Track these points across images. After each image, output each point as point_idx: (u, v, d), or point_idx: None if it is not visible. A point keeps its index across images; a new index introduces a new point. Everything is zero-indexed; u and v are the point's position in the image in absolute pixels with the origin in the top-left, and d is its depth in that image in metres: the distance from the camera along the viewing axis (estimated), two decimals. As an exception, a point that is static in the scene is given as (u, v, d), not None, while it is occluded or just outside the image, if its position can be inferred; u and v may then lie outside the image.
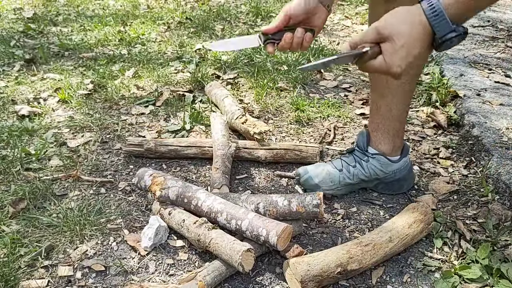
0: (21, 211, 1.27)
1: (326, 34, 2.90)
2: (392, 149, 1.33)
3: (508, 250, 1.15)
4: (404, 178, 1.38)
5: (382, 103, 1.28)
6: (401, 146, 1.35)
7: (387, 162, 1.33)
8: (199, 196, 1.18)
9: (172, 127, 1.73)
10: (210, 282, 1.02)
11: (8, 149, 1.56)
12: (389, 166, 1.34)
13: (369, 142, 1.34)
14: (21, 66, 2.28)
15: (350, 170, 1.34)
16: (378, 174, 1.35)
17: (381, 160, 1.32)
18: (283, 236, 1.05)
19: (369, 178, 1.35)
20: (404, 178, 1.38)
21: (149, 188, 1.22)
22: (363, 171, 1.34)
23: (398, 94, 1.26)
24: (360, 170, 1.34)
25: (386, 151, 1.33)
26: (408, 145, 1.38)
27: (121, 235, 1.21)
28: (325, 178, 1.34)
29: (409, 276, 1.11)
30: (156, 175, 1.24)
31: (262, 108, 1.90)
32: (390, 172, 1.35)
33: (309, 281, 0.99)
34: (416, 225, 1.16)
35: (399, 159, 1.34)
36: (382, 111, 1.29)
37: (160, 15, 3.18)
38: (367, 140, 1.34)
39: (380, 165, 1.33)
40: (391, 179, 1.37)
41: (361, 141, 1.34)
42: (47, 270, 1.09)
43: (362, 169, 1.34)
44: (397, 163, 1.34)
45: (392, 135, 1.31)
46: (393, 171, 1.35)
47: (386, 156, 1.32)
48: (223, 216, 1.13)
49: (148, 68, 2.27)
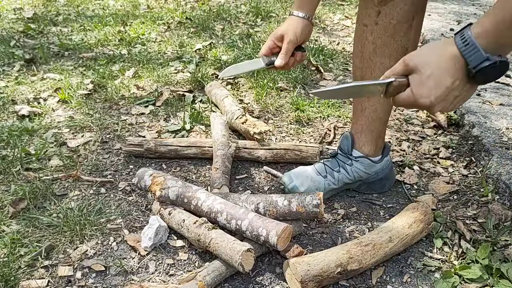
0: (21, 211, 1.27)
1: (326, 34, 2.90)
2: (375, 150, 1.32)
3: (508, 250, 1.15)
4: (386, 177, 1.38)
5: (368, 105, 1.28)
6: (382, 146, 1.35)
7: (370, 163, 1.32)
8: (199, 196, 1.18)
9: (172, 127, 1.73)
10: (210, 282, 1.02)
11: (8, 149, 1.56)
12: (372, 167, 1.33)
13: (354, 145, 1.34)
14: (21, 66, 2.28)
15: (334, 176, 1.33)
16: (361, 176, 1.34)
17: (365, 162, 1.32)
18: (283, 236, 1.05)
19: (353, 181, 1.35)
20: (386, 177, 1.38)
21: (149, 188, 1.22)
22: (347, 175, 1.33)
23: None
24: (345, 174, 1.33)
25: (369, 152, 1.32)
26: (388, 144, 1.38)
27: (121, 235, 1.21)
28: (311, 186, 1.33)
29: (409, 276, 1.11)
30: (156, 175, 1.24)
31: (262, 108, 1.90)
32: (373, 172, 1.35)
33: (309, 281, 0.99)
34: (416, 225, 1.16)
35: (381, 159, 1.34)
36: (367, 113, 1.28)
37: (160, 15, 3.18)
38: (351, 144, 1.33)
39: (364, 167, 1.32)
40: (373, 179, 1.37)
41: (345, 145, 1.33)
42: (47, 270, 1.09)
43: (347, 173, 1.33)
44: (379, 163, 1.34)
45: (376, 136, 1.31)
46: (376, 171, 1.35)
47: (369, 157, 1.32)
48: (223, 216, 1.13)
49: (148, 68, 2.28)
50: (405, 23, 1.14)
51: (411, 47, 1.19)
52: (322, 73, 2.26)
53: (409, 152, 1.64)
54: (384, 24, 1.15)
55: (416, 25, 1.16)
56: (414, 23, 1.15)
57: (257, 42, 2.57)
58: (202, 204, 1.16)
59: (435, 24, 2.85)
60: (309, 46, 2.51)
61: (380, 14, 1.15)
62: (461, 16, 3.08)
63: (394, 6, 1.12)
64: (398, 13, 1.13)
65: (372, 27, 1.18)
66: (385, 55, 1.18)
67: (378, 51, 1.18)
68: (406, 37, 1.16)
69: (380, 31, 1.17)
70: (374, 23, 1.17)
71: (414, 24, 1.15)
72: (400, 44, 1.17)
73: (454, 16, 3.06)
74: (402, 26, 1.14)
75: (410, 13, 1.13)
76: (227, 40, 2.69)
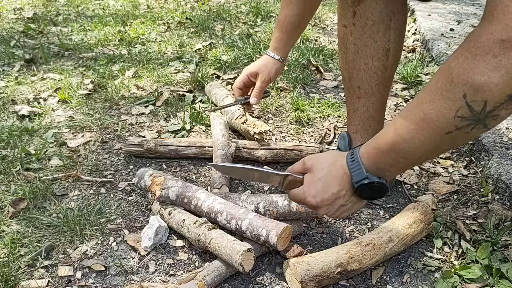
0: (21, 211, 1.27)
1: (326, 34, 2.90)
2: None
3: (508, 250, 1.15)
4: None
5: (359, 105, 1.28)
6: None
7: None
8: (199, 196, 1.18)
9: (172, 127, 1.73)
10: (210, 282, 1.02)
11: (8, 149, 1.56)
12: None
13: (351, 144, 1.33)
14: (21, 66, 2.28)
15: None
16: None
17: None
18: (283, 236, 1.05)
19: None
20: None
21: (149, 188, 1.22)
22: None
23: (375, 95, 1.26)
24: None
25: None
26: None
27: (121, 235, 1.21)
28: None
29: (409, 276, 1.11)
30: (156, 175, 1.24)
31: (262, 108, 1.90)
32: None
33: (309, 281, 0.99)
34: (416, 225, 1.16)
35: None
36: (360, 113, 1.29)
37: (160, 15, 3.18)
38: (349, 143, 1.33)
39: None
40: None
41: (343, 145, 1.33)
42: (47, 270, 1.09)
43: None
44: None
45: (371, 135, 1.30)
46: None
47: None
48: (223, 216, 1.13)
49: (148, 68, 2.28)
50: (381, 24, 1.14)
51: (393, 49, 1.18)
52: (322, 73, 2.26)
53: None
54: (361, 24, 1.15)
55: (396, 26, 1.16)
56: (393, 24, 1.15)
57: (257, 42, 2.57)
58: (202, 204, 1.16)
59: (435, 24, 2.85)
60: (309, 46, 2.51)
61: (355, 14, 1.15)
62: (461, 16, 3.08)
63: (367, 6, 1.13)
64: (372, 13, 1.13)
65: (350, 28, 1.18)
66: (368, 56, 1.18)
67: (360, 52, 1.19)
68: (385, 38, 1.16)
69: (358, 32, 1.17)
70: (351, 24, 1.17)
71: (392, 25, 1.15)
72: (380, 45, 1.17)
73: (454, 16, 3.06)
74: (379, 26, 1.14)
75: (384, 14, 1.13)
76: (227, 40, 2.69)
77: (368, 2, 1.12)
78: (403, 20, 1.18)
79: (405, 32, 1.24)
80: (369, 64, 1.18)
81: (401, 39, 1.21)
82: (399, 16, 1.16)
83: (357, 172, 0.82)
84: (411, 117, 0.74)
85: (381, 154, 0.80)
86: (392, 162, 0.80)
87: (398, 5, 1.14)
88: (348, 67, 1.24)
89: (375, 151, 0.81)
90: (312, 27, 2.98)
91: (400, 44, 1.21)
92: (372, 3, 1.12)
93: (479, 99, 0.64)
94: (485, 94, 0.64)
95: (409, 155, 0.77)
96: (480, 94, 0.64)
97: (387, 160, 0.80)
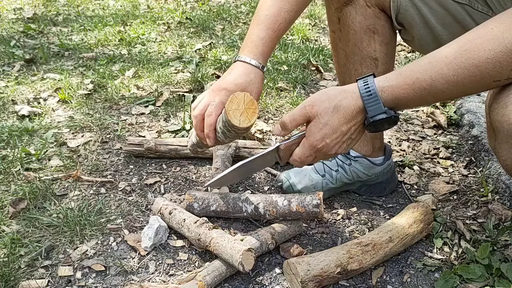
0: (21, 211, 1.27)
1: (326, 34, 2.90)
2: (372, 150, 1.31)
3: (508, 250, 1.15)
4: (387, 181, 1.38)
5: None
6: (381, 146, 1.34)
7: (370, 164, 1.31)
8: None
9: (172, 127, 1.73)
10: (210, 282, 1.02)
11: (8, 149, 1.56)
12: (372, 168, 1.32)
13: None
14: (21, 66, 2.28)
15: (332, 175, 1.33)
16: (360, 177, 1.34)
17: (364, 162, 1.31)
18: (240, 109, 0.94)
19: (352, 181, 1.35)
20: (387, 181, 1.38)
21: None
22: (346, 174, 1.33)
23: None
24: (343, 173, 1.33)
25: (366, 152, 1.31)
26: (390, 148, 1.37)
27: (121, 235, 1.21)
28: (308, 185, 1.33)
29: (409, 276, 1.11)
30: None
31: (262, 108, 1.90)
32: (373, 175, 1.34)
33: (309, 281, 0.99)
34: (416, 225, 1.16)
35: (383, 162, 1.33)
36: None
37: (160, 15, 3.18)
38: None
39: (363, 168, 1.32)
40: (373, 182, 1.36)
41: None
42: (47, 270, 1.09)
43: (345, 172, 1.33)
44: (380, 166, 1.33)
45: (370, 135, 1.30)
46: (376, 174, 1.34)
47: (367, 158, 1.31)
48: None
49: (148, 68, 2.28)
50: (363, 34, 1.12)
51: (382, 59, 1.15)
52: (322, 73, 2.26)
53: (409, 152, 1.64)
54: (346, 31, 1.14)
55: (383, 40, 1.13)
56: (378, 38, 1.12)
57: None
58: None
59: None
60: (309, 46, 2.51)
61: (340, 21, 1.14)
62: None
63: (347, 14, 1.11)
64: (352, 22, 1.11)
65: (338, 34, 1.17)
66: (356, 62, 1.17)
67: (349, 57, 1.18)
68: (370, 48, 1.13)
69: (344, 38, 1.16)
70: (338, 30, 1.16)
71: (377, 38, 1.12)
72: (366, 54, 1.14)
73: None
74: (362, 37, 1.12)
75: (365, 26, 1.10)
76: (227, 40, 2.69)
77: (348, 10, 1.11)
78: (392, 38, 1.15)
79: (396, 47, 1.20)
80: (358, 70, 1.17)
81: (391, 51, 1.17)
82: (385, 31, 1.12)
83: (375, 107, 0.79)
84: (462, 61, 0.72)
85: (411, 91, 0.77)
86: (418, 99, 0.78)
87: (380, 21, 1.10)
88: (341, 71, 1.24)
89: (406, 87, 0.78)
90: (312, 27, 2.98)
91: (391, 56, 1.18)
92: (352, 12, 1.10)
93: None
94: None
95: (443, 95, 0.76)
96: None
97: (415, 97, 0.77)
